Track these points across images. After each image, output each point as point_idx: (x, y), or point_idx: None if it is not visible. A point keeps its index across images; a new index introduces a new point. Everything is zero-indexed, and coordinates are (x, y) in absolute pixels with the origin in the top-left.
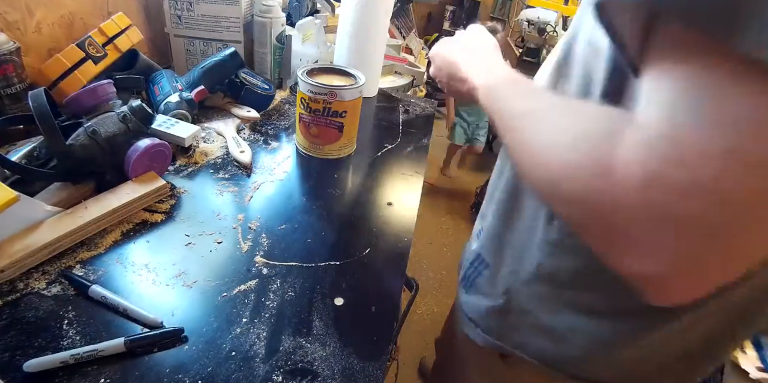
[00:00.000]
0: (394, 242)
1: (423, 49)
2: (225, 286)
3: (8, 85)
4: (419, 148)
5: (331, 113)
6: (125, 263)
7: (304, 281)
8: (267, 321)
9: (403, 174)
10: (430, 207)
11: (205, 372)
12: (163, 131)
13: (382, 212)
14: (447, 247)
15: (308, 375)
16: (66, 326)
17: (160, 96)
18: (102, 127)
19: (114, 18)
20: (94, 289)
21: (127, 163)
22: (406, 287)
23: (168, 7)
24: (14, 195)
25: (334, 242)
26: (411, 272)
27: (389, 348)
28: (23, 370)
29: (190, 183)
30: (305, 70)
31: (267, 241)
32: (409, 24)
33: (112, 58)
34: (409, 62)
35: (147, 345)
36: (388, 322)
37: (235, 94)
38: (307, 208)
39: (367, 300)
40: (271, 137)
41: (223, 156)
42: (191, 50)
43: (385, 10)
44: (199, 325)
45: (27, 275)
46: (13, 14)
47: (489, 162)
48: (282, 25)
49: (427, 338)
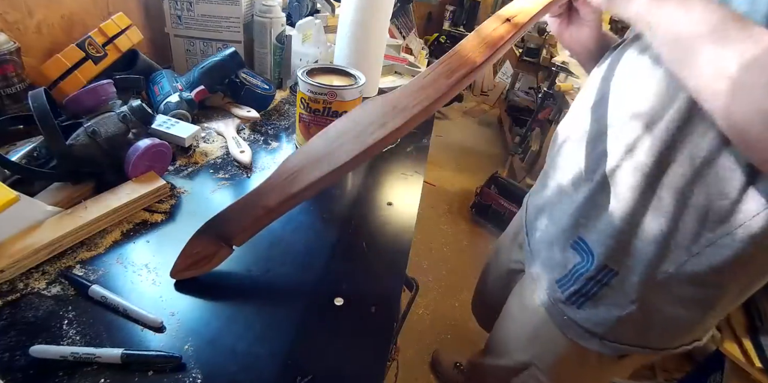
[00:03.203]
0: (394, 242)
1: (423, 49)
2: (225, 286)
3: (8, 85)
4: (419, 148)
5: (331, 113)
6: (125, 263)
7: (304, 281)
8: (267, 321)
9: (403, 174)
10: (430, 207)
11: (206, 371)
12: (163, 131)
13: (382, 212)
14: (447, 247)
15: (308, 375)
16: (66, 326)
17: (160, 96)
18: (102, 127)
19: (114, 18)
20: (94, 289)
21: (127, 163)
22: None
23: (168, 7)
24: (14, 195)
25: (334, 243)
26: (411, 272)
27: (389, 348)
28: (29, 355)
29: (190, 183)
30: (305, 70)
31: (267, 241)
32: (409, 24)
33: (112, 58)
34: (409, 62)
35: (142, 363)
36: (388, 322)
37: (235, 94)
38: (307, 208)
39: (367, 300)
40: (271, 137)
41: (223, 156)
42: (191, 50)
43: (385, 10)
44: (199, 325)
45: (27, 275)
46: (13, 14)
47: (489, 162)
48: (282, 25)
49: (427, 338)
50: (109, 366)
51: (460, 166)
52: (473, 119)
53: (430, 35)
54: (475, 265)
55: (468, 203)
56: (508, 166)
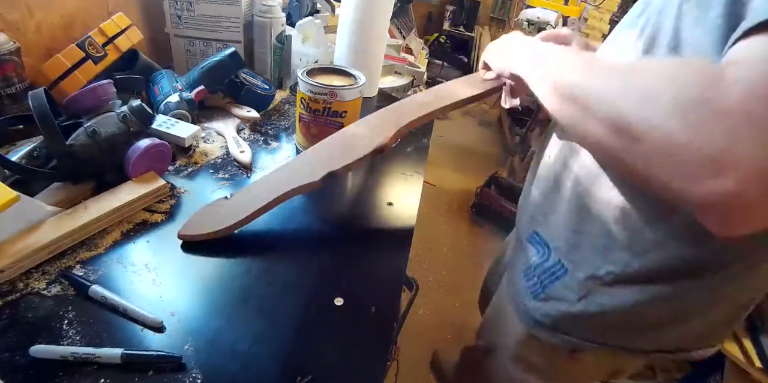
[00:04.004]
0: (394, 242)
1: (423, 49)
2: (225, 286)
3: (8, 86)
4: (419, 148)
5: (331, 113)
6: (125, 263)
7: (304, 281)
8: (267, 321)
9: (403, 174)
10: (430, 207)
11: (206, 371)
12: (163, 131)
13: (382, 212)
14: (447, 247)
15: (308, 375)
16: (66, 326)
17: (160, 96)
18: (102, 127)
19: (114, 18)
20: (94, 289)
21: (127, 163)
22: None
23: (168, 7)
24: (14, 195)
25: (334, 243)
26: (411, 272)
27: (389, 348)
28: (29, 355)
29: (190, 183)
30: (305, 70)
31: (267, 241)
32: (409, 24)
33: (112, 58)
34: (409, 62)
35: (142, 364)
36: (388, 322)
37: (235, 94)
38: (307, 208)
39: (367, 300)
40: (271, 137)
41: (223, 156)
42: (191, 50)
43: (385, 10)
44: (199, 325)
45: (27, 275)
46: (13, 14)
47: (489, 162)
48: (282, 25)
49: (427, 338)
50: (109, 366)
51: (460, 166)
52: (473, 119)
53: (430, 35)
54: (475, 265)
55: (468, 203)
56: (508, 166)
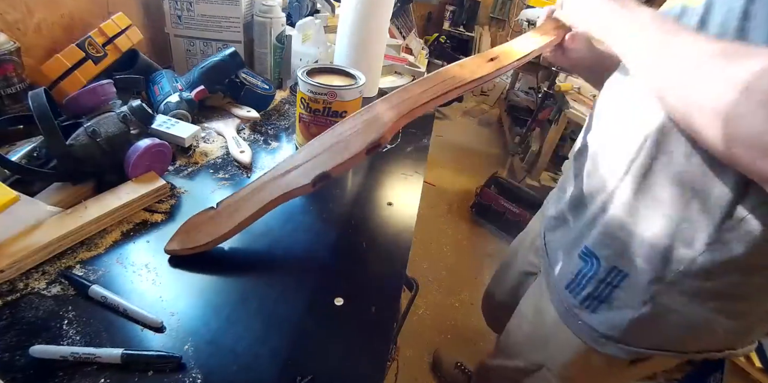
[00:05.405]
0: (394, 242)
1: (423, 49)
2: (225, 286)
3: (8, 86)
4: (419, 148)
5: (331, 113)
6: (125, 263)
7: (304, 281)
8: (267, 321)
9: (403, 174)
10: (430, 207)
11: (206, 371)
12: (163, 131)
13: (382, 212)
14: (447, 247)
15: (308, 376)
16: (66, 326)
17: (160, 96)
18: (102, 127)
19: (114, 18)
20: (94, 289)
21: (127, 163)
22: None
23: (168, 7)
24: (14, 195)
25: (334, 243)
26: (411, 272)
27: (389, 348)
28: (29, 355)
29: (190, 183)
30: (305, 70)
31: (267, 241)
32: (409, 24)
33: (112, 58)
34: (409, 62)
35: (142, 364)
36: (388, 322)
37: (235, 94)
38: (307, 208)
39: (367, 300)
40: (271, 137)
41: (223, 156)
42: (191, 50)
43: (385, 10)
44: (199, 325)
45: (27, 275)
46: (13, 14)
47: (489, 162)
48: (282, 25)
49: (427, 338)
50: (109, 366)
51: (460, 166)
52: (473, 119)
53: (430, 35)
54: (475, 265)
55: (468, 203)
56: (508, 166)
